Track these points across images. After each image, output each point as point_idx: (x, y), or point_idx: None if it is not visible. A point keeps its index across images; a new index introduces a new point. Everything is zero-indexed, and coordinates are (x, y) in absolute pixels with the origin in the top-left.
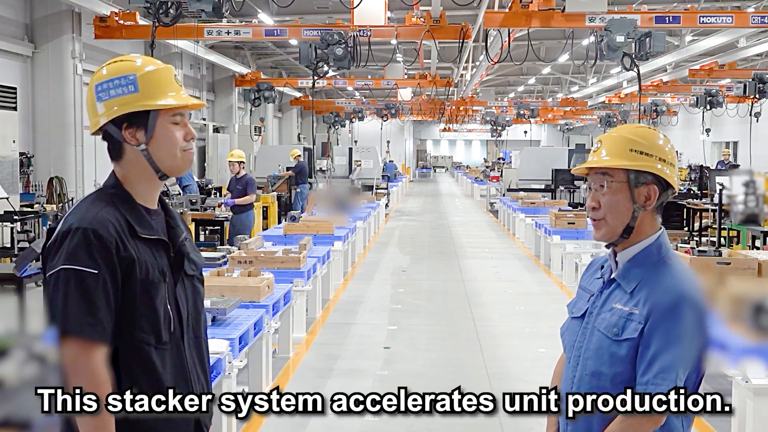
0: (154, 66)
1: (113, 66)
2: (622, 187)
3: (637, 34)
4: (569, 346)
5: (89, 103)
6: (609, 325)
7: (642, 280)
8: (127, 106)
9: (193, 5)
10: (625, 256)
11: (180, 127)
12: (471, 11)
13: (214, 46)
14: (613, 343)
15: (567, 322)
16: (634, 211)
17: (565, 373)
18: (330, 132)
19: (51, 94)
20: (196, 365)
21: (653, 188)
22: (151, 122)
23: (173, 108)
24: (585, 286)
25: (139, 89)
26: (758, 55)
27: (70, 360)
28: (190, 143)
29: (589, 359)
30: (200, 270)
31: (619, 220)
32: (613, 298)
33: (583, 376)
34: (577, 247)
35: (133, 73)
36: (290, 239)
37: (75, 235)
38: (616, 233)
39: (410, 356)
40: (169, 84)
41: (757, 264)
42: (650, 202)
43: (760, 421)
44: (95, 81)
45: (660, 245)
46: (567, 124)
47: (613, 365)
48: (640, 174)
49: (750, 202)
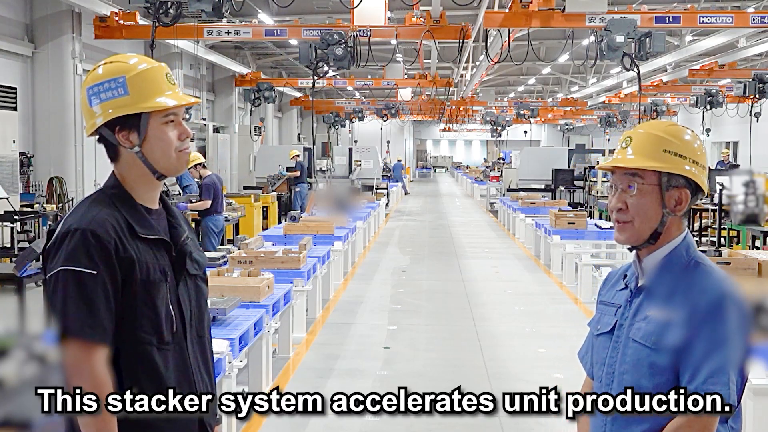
0: (145, 65)
1: (105, 67)
2: (653, 190)
3: (637, 34)
4: (599, 365)
5: (83, 105)
6: (646, 334)
7: (676, 283)
8: (119, 109)
9: (193, 5)
10: (651, 260)
11: (174, 127)
12: (471, 11)
13: (214, 46)
14: (653, 352)
15: (588, 342)
16: (663, 215)
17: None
18: (330, 132)
19: (51, 94)
20: (200, 365)
21: (685, 192)
22: (143, 124)
23: (164, 109)
24: (607, 301)
25: (128, 92)
26: (758, 55)
27: (70, 361)
28: (185, 142)
29: (626, 373)
30: (203, 269)
31: (647, 224)
32: (646, 306)
33: (621, 392)
34: (577, 247)
35: (122, 75)
36: (290, 239)
37: (74, 237)
38: (642, 238)
39: (410, 356)
40: (160, 83)
41: (757, 264)
42: (681, 207)
43: (760, 421)
44: (87, 83)
45: (688, 246)
46: (567, 124)
47: (654, 376)
48: (672, 177)
49: (750, 202)
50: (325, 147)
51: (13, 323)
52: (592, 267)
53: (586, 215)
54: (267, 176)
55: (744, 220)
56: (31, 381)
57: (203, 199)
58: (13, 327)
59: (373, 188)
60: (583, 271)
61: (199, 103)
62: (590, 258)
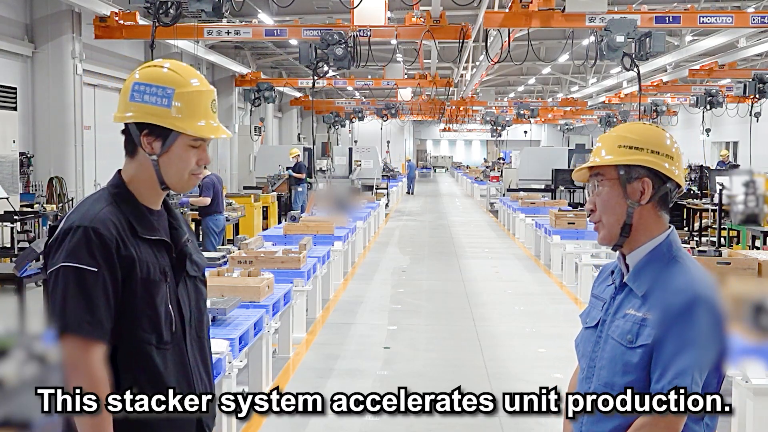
0: (198, 86)
1: (160, 72)
2: (613, 185)
3: (637, 34)
4: (584, 358)
5: (124, 93)
6: (623, 333)
7: (654, 282)
8: (155, 117)
9: (193, 5)
10: (634, 258)
11: (197, 152)
12: (471, 11)
13: (214, 46)
14: (627, 350)
15: (581, 333)
16: (628, 207)
17: (579, 386)
18: (330, 132)
19: (51, 94)
20: (199, 365)
21: (646, 182)
22: (170, 140)
23: (196, 137)
24: (597, 294)
25: (171, 106)
26: (758, 55)
27: (68, 358)
28: (200, 168)
29: (603, 369)
30: (202, 271)
31: (614, 218)
32: (626, 303)
33: (597, 387)
34: (577, 247)
35: (172, 88)
36: (290, 239)
37: (76, 233)
38: (614, 233)
39: (410, 356)
40: (204, 110)
41: (757, 264)
42: (645, 196)
43: (760, 421)
44: (136, 79)
45: (670, 244)
46: (567, 124)
47: (626, 374)
48: (632, 168)
49: (750, 202)
50: (325, 147)
51: (13, 323)
52: (592, 267)
53: (586, 215)
54: (267, 176)
55: (744, 220)
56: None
57: (202, 195)
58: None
59: (373, 188)
60: (583, 271)
61: (230, 136)
62: (590, 258)
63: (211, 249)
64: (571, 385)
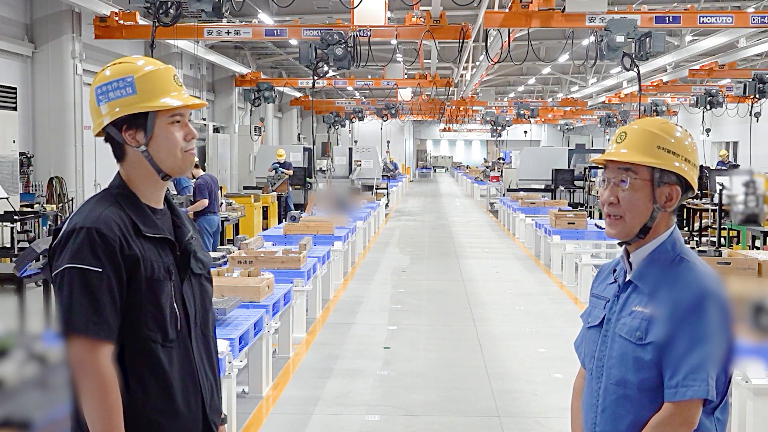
0: (153, 66)
1: (113, 68)
2: (644, 185)
3: (637, 34)
4: (589, 357)
5: (92, 105)
6: (631, 330)
7: (660, 278)
8: (127, 107)
9: (193, 5)
10: (639, 255)
11: (180, 127)
12: (471, 11)
13: (214, 46)
14: (638, 347)
15: (582, 334)
16: (653, 211)
17: (587, 387)
18: (330, 132)
19: (51, 94)
20: (204, 363)
21: (676, 189)
22: (150, 123)
23: (171, 109)
24: (598, 294)
25: (136, 91)
26: (758, 55)
27: (76, 358)
28: (191, 143)
29: (613, 368)
30: (208, 269)
31: (637, 219)
32: (632, 300)
33: (608, 386)
34: (577, 247)
35: (130, 75)
36: (290, 239)
37: (79, 235)
38: (632, 232)
39: (410, 356)
40: (167, 84)
41: (757, 264)
42: (671, 203)
43: (760, 421)
44: (96, 83)
45: (674, 241)
46: (567, 124)
47: (639, 371)
48: (664, 173)
49: (750, 202)
50: (325, 147)
51: (13, 323)
52: (592, 267)
53: (586, 215)
54: (267, 176)
55: (744, 220)
56: (31, 381)
57: (198, 199)
58: (13, 327)
59: (373, 188)
60: (583, 271)
61: (205, 105)
62: (590, 258)
63: (206, 249)
64: (576, 387)
